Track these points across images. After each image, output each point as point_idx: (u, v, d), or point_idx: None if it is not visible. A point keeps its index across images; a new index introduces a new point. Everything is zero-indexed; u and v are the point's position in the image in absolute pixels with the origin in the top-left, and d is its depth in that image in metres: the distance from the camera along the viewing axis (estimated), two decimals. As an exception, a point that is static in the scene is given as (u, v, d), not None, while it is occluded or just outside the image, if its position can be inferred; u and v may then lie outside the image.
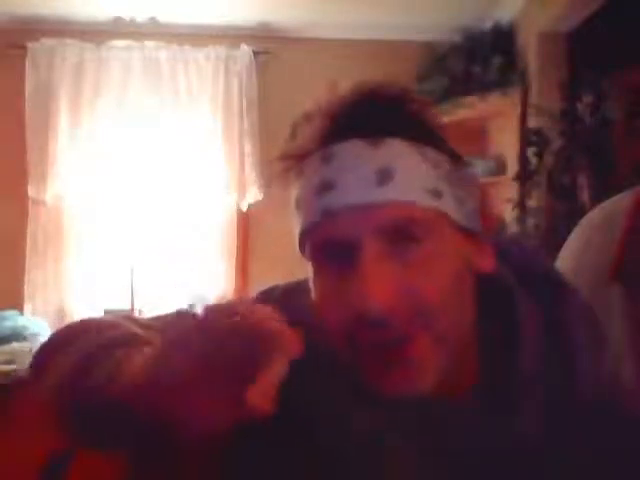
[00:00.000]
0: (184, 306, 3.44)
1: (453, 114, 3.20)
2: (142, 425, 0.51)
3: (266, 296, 0.72)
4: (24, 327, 3.01)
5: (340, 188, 0.55)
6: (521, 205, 2.95)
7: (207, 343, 0.48)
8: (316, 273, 0.59)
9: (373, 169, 0.55)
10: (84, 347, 0.59)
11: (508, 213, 3.07)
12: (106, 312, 3.24)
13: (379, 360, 0.55)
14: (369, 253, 0.54)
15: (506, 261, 0.65)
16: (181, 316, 0.54)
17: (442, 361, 0.56)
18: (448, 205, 0.57)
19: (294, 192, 0.61)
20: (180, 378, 0.48)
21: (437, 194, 0.56)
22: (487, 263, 0.61)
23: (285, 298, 0.70)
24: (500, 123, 3.41)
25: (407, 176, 0.56)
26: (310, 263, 0.60)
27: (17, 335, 2.94)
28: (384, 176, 0.55)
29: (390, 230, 0.55)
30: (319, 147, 0.58)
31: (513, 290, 0.64)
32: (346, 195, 0.55)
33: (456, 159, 0.60)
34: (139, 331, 0.62)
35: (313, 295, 0.60)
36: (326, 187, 0.56)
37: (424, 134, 0.58)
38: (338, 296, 0.56)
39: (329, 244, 0.57)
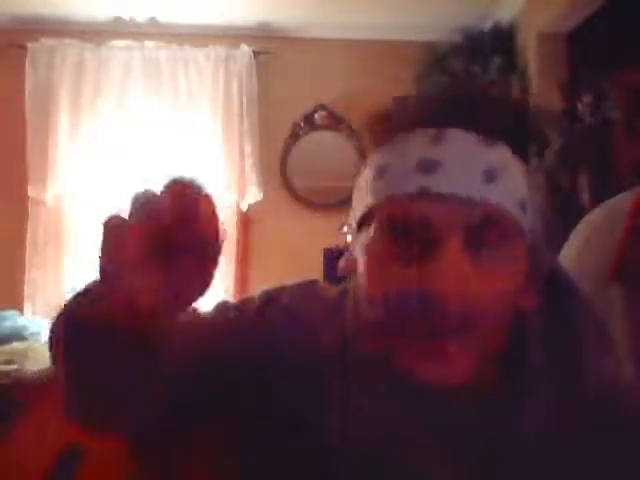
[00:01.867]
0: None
1: (453, 114, 3.19)
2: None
3: (273, 294, 0.72)
4: (24, 327, 3.01)
5: (446, 173, 0.55)
6: (521, 205, 2.94)
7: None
8: (377, 244, 0.59)
9: (482, 167, 0.56)
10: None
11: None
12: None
13: (414, 346, 0.56)
14: (456, 245, 0.55)
15: None
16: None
17: (474, 363, 0.57)
18: (528, 222, 0.58)
19: (381, 157, 0.60)
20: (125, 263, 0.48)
21: (524, 208, 0.58)
22: (531, 300, 0.61)
23: (300, 294, 0.71)
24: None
25: (508, 184, 0.56)
26: (371, 232, 0.60)
27: (17, 335, 2.94)
28: (490, 177, 0.55)
29: (473, 228, 0.55)
30: (424, 123, 0.58)
31: None
32: (450, 182, 0.55)
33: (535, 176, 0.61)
34: None
35: (362, 267, 0.60)
36: (430, 166, 0.55)
37: (524, 146, 0.59)
38: (405, 278, 0.56)
39: (413, 221, 0.56)
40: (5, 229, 3.46)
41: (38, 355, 2.72)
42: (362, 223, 0.62)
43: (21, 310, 3.33)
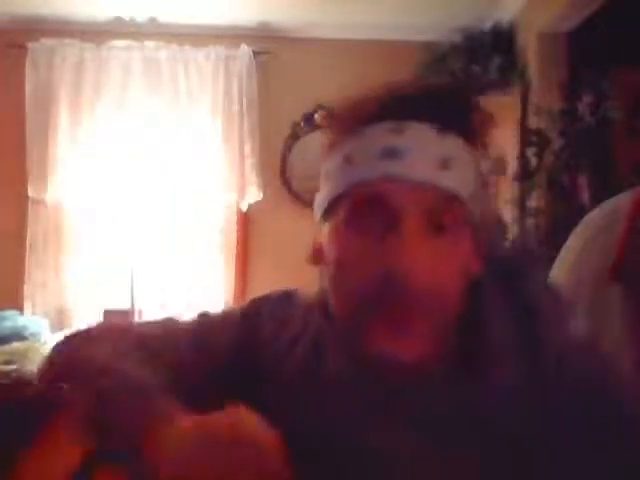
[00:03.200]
0: (183, 307, 3.45)
1: (453, 114, 3.19)
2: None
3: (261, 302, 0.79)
4: (24, 327, 3.01)
5: (406, 160, 0.60)
6: (521, 205, 2.94)
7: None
8: (344, 229, 0.63)
9: (438, 155, 0.61)
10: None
11: (508, 213, 3.07)
12: (106, 312, 3.25)
13: (382, 324, 0.60)
14: (413, 225, 0.59)
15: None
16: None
17: (432, 338, 0.61)
18: (474, 206, 0.63)
19: (346, 147, 0.64)
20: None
21: (473, 194, 0.63)
22: (478, 265, 0.66)
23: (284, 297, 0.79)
24: (500, 123, 3.40)
25: (461, 171, 0.62)
26: (338, 220, 0.64)
27: (17, 335, 2.94)
28: (445, 164, 0.61)
29: (431, 211, 0.60)
30: (384, 117, 0.63)
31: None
32: (410, 168, 0.60)
33: (483, 159, 0.66)
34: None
35: (331, 253, 0.65)
36: (391, 154, 0.61)
37: (473, 132, 0.65)
38: (369, 257, 0.60)
39: (375, 204, 0.61)
40: (5, 229, 3.46)
41: (38, 355, 2.72)
42: (328, 212, 0.66)
43: (21, 310, 3.33)
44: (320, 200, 0.68)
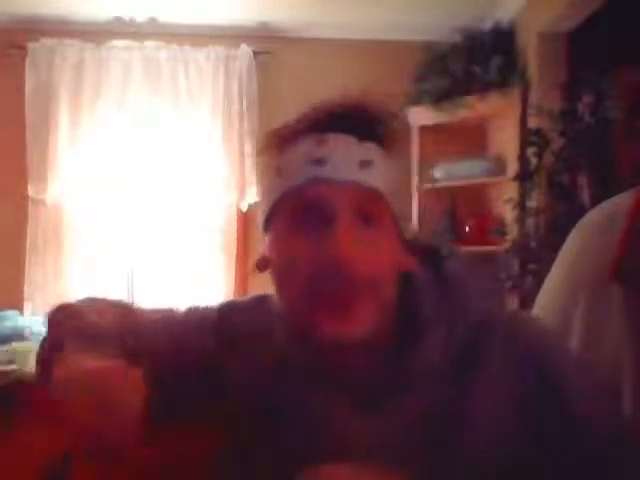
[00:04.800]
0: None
1: (453, 114, 3.20)
2: None
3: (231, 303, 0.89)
4: (24, 327, 3.01)
5: (330, 164, 0.69)
6: (521, 205, 2.94)
7: None
8: (283, 231, 0.71)
9: (359, 158, 0.70)
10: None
11: (508, 213, 3.07)
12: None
13: (326, 309, 0.67)
14: (344, 221, 0.67)
15: None
16: None
17: (373, 319, 0.68)
18: (394, 203, 0.72)
19: (277, 162, 0.72)
20: None
21: (392, 193, 0.72)
22: (412, 263, 0.75)
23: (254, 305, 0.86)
24: (500, 123, 3.41)
25: (380, 172, 0.70)
26: (273, 227, 0.73)
27: (17, 335, 2.94)
28: (365, 165, 0.69)
29: (358, 207, 0.68)
30: (310, 132, 0.71)
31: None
32: (335, 171, 0.68)
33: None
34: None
35: (276, 256, 0.72)
36: (318, 162, 0.69)
37: (389, 141, 0.73)
38: (308, 251, 0.67)
39: (308, 207, 0.68)
40: (5, 229, 3.45)
41: (38, 355, 2.72)
42: (268, 224, 0.74)
43: (21, 310, 3.32)
44: (260, 214, 0.76)
